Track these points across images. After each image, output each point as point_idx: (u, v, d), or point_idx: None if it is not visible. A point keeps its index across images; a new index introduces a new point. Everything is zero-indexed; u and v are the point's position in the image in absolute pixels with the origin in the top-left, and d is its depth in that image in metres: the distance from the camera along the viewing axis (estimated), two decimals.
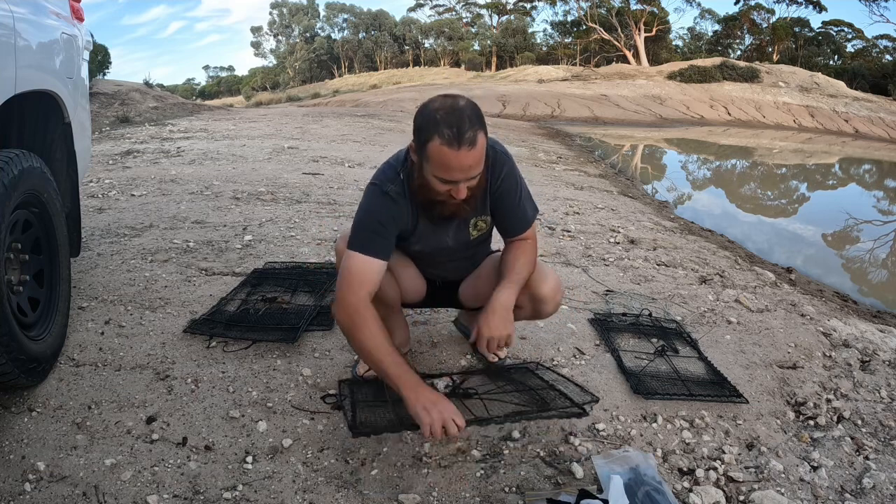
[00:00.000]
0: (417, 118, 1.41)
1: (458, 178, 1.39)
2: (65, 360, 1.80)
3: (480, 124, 1.38)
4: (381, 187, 1.52)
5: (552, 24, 41.65)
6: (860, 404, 1.96)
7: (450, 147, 1.33)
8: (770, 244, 5.30)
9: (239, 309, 2.18)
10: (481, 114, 1.41)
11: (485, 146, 1.40)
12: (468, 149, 1.34)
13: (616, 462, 1.46)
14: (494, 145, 1.58)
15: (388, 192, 1.52)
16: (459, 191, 1.42)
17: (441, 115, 1.35)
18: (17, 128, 1.90)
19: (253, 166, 5.27)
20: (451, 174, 1.38)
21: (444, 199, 1.45)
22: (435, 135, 1.34)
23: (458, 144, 1.33)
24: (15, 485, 1.32)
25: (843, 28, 34.90)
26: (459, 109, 1.36)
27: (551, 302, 1.71)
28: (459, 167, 1.36)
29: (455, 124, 1.33)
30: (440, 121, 1.34)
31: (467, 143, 1.34)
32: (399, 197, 1.52)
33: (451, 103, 1.38)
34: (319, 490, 1.38)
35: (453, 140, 1.33)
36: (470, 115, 1.36)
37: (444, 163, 1.36)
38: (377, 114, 12.92)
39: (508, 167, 1.60)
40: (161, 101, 11.56)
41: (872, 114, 20.44)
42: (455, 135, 1.33)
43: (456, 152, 1.34)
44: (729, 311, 2.62)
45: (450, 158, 1.35)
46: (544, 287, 1.67)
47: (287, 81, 38.66)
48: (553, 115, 17.56)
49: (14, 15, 1.59)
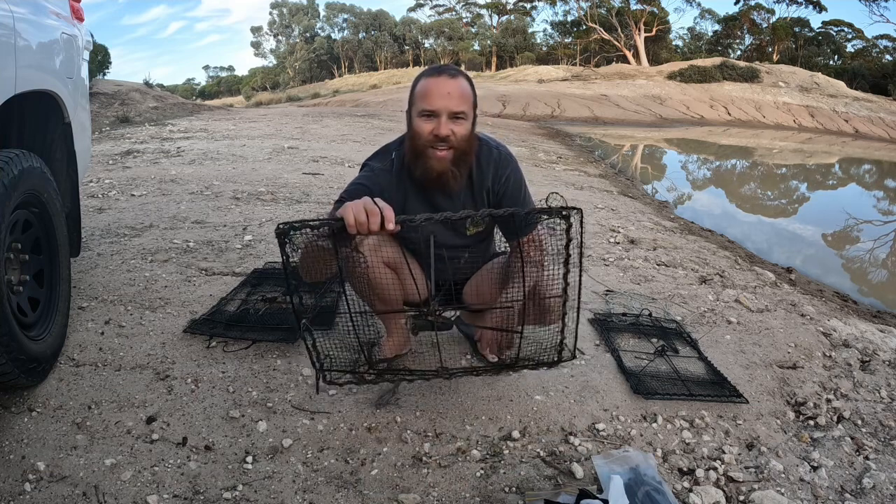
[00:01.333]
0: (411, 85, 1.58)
1: (438, 107, 1.50)
2: (65, 360, 1.80)
3: (465, 76, 1.55)
4: (370, 164, 1.67)
5: (552, 24, 41.64)
6: (860, 404, 1.96)
7: (431, 76, 1.52)
8: (770, 244, 5.30)
9: (239, 309, 2.18)
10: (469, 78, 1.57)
11: (468, 90, 1.53)
12: (448, 77, 1.51)
13: (616, 462, 1.46)
14: (499, 147, 1.65)
15: (370, 167, 1.65)
16: (440, 125, 1.50)
17: (429, 67, 1.59)
18: (17, 128, 1.90)
19: (253, 166, 5.27)
20: (432, 101, 1.50)
21: (429, 143, 1.52)
22: (421, 77, 1.54)
23: (439, 73, 1.52)
24: (15, 485, 1.32)
25: (843, 28, 34.88)
26: (447, 65, 1.56)
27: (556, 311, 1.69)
28: (439, 92, 1.49)
29: (438, 66, 1.56)
30: (427, 69, 1.57)
31: (448, 73, 1.51)
32: (383, 171, 1.63)
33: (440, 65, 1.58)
34: (319, 490, 1.38)
35: (434, 71, 1.53)
36: (456, 69, 1.56)
37: (426, 92, 1.51)
38: (377, 114, 12.92)
39: (512, 168, 1.64)
40: (161, 101, 11.56)
41: (872, 114, 20.44)
42: (437, 69, 1.54)
43: (436, 79, 1.50)
44: (729, 311, 2.62)
45: (431, 86, 1.50)
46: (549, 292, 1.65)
47: (287, 81, 38.65)
48: (553, 115, 17.55)
49: (14, 15, 1.59)
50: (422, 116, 1.52)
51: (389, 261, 1.72)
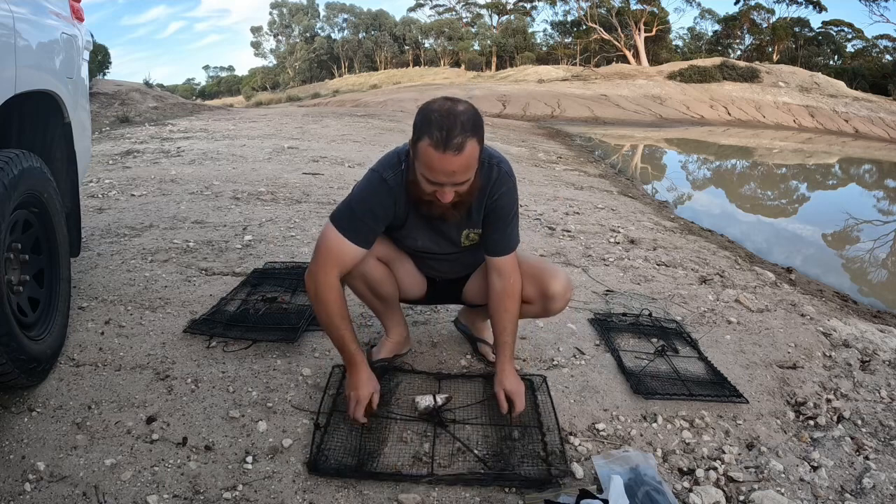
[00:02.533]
0: (416, 116, 1.42)
1: (442, 181, 1.41)
2: (65, 360, 1.80)
3: (474, 132, 1.38)
4: (381, 174, 1.55)
5: (552, 24, 41.72)
6: (860, 404, 1.96)
7: (436, 149, 1.35)
8: (770, 244, 5.30)
9: (239, 309, 2.18)
10: (480, 123, 1.41)
11: (475, 155, 1.41)
12: (453, 154, 1.35)
13: (616, 462, 1.46)
14: (500, 164, 1.59)
15: (385, 180, 1.54)
16: (444, 194, 1.43)
17: (435, 117, 1.36)
18: (17, 128, 1.90)
19: (253, 166, 5.27)
20: (434, 176, 1.40)
21: (431, 199, 1.47)
22: (425, 135, 1.36)
23: (444, 148, 1.34)
24: (15, 485, 1.31)
25: (843, 28, 34.92)
26: (455, 114, 1.37)
27: (561, 299, 1.72)
28: (443, 170, 1.38)
29: (446, 128, 1.34)
30: (433, 122, 1.36)
31: (453, 148, 1.35)
32: (396, 185, 1.54)
33: (448, 107, 1.38)
34: (319, 490, 1.38)
35: (440, 143, 1.34)
36: (464, 122, 1.36)
37: (429, 163, 1.38)
38: (377, 114, 12.92)
39: (508, 187, 1.60)
40: (161, 101, 11.57)
41: (872, 114, 20.44)
42: (442, 138, 1.34)
43: (441, 155, 1.35)
44: (729, 311, 2.62)
45: (434, 160, 1.37)
46: (555, 285, 1.68)
47: (287, 81, 38.66)
48: (553, 115, 17.56)
49: (14, 15, 1.59)
50: (424, 178, 1.43)
51: (383, 256, 1.72)
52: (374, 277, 1.72)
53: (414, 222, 1.63)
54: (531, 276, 1.69)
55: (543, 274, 1.69)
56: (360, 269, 1.67)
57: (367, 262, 1.66)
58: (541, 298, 1.71)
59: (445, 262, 1.76)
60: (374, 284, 1.74)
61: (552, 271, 1.71)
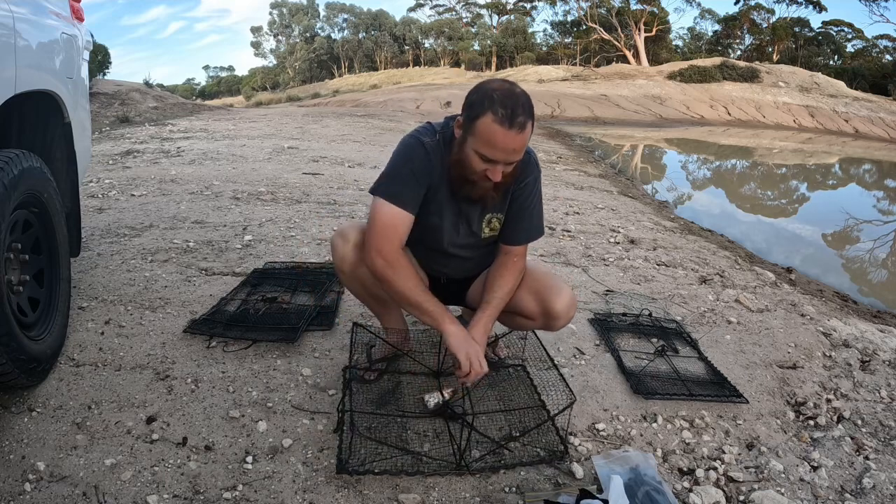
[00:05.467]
0: (472, 94, 1.44)
1: (499, 159, 1.42)
2: (65, 360, 1.80)
3: (531, 115, 1.42)
4: (419, 138, 1.55)
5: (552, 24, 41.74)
6: (860, 404, 1.96)
7: (501, 125, 1.37)
8: (770, 244, 5.30)
9: (239, 309, 2.18)
10: (533, 107, 1.44)
11: (530, 136, 1.44)
12: (517, 131, 1.38)
13: (616, 462, 1.46)
14: (531, 152, 1.61)
15: (424, 143, 1.54)
16: (496, 172, 1.44)
17: (498, 95, 1.39)
18: (17, 128, 1.90)
19: (253, 166, 5.28)
20: (494, 153, 1.41)
21: (478, 178, 1.47)
22: (489, 111, 1.38)
23: (510, 124, 1.37)
24: (15, 485, 1.31)
25: (843, 28, 34.93)
26: (516, 95, 1.40)
27: (564, 318, 1.68)
28: (504, 147, 1.40)
29: (510, 105, 1.37)
30: (496, 99, 1.38)
31: (517, 126, 1.38)
32: (433, 151, 1.54)
33: (508, 87, 1.42)
34: (319, 490, 1.38)
35: (505, 119, 1.37)
36: (524, 103, 1.40)
37: (490, 140, 1.39)
38: (377, 114, 12.92)
39: (535, 176, 1.63)
40: (161, 101, 11.57)
41: (872, 114, 20.44)
42: (508, 115, 1.37)
43: (505, 131, 1.37)
44: (729, 311, 2.62)
45: (498, 137, 1.38)
46: (558, 303, 1.64)
47: (287, 81, 38.65)
48: (553, 115, 17.56)
49: (14, 15, 1.59)
50: (478, 155, 1.43)
51: None
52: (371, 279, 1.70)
53: (444, 198, 1.60)
54: (535, 290, 1.66)
55: (548, 291, 1.65)
56: (356, 272, 1.66)
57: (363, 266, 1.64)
58: (542, 315, 1.68)
59: (456, 257, 1.74)
60: (371, 286, 1.71)
61: (557, 288, 1.66)
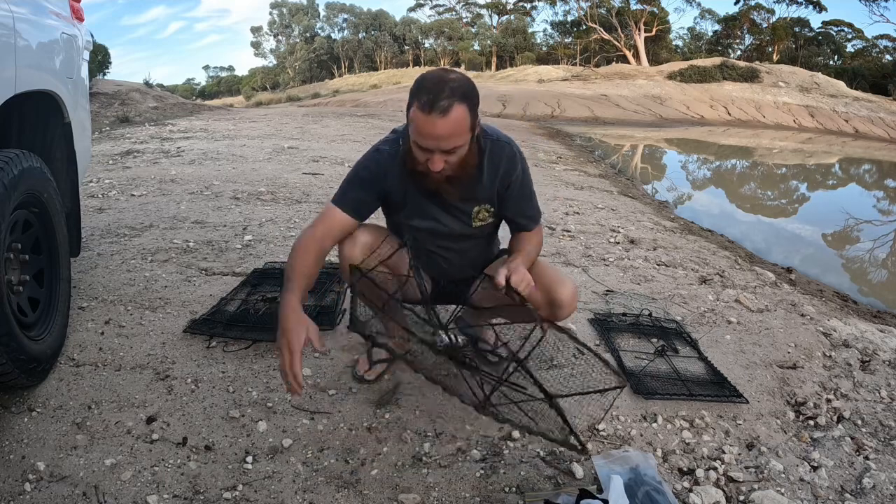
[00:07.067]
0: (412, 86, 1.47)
1: (430, 146, 1.42)
2: (65, 360, 1.80)
3: (463, 99, 1.38)
4: (377, 146, 1.63)
5: (552, 24, 41.72)
6: (860, 404, 1.96)
7: (422, 111, 1.37)
8: (770, 244, 5.30)
9: (239, 309, 2.18)
10: (472, 92, 1.42)
11: (463, 121, 1.40)
12: (439, 115, 1.36)
13: (616, 462, 1.46)
14: (510, 143, 1.63)
15: (379, 150, 1.61)
16: (434, 161, 1.44)
17: (426, 83, 1.39)
18: (17, 128, 1.90)
19: (253, 166, 5.28)
20: (424, 140, 1.42)
21: (424, 170, 1.48)
22: (415, 99, 1.40)
23: (430, 109, 1.36)
24: (15, 485, 1.32)
25: (843, 28, 34.93)
26: (445, 80, 1.39)
27: (568, 307, 1.69)
28: (429, 134, 1.40)
29: (434, 91, 1.36)
30: (422, 87, 1.39)
31: (439, 110, 1.36)
32: (390, 157, 1.58)
33: (440, 74, 1.42)
34: (319, 490, 1.38)
35: (426, 105, 1.36)
36: (454, 88, 1.37)
37: (417, 127, 1.41)
38: (377, 114, 12.92)
39: (521, 167, 1.66)
40: (161, 101, 11.57)
41: (872, 114, 20.44)
42: (430, 101, 1.36)
43: (426, 117, 1.37)
44: (729, 311, 2.62)
45: (421, 123, 1.39)
46: (563, 292, 1.66)
47: (287, 81, 38.67)
48: (553, 115, 17.55)
49: (14, 15, 1.59)
50: (416, 145, 1.45)
51: (382, 255, 1.72)
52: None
53: (415, 199, 1.62)
54: (539, 281, 1.67)
55: (552, 281, 1.67)
56: None
57: None
58: (547, 305, 1.68)
59: (456, 252, 1.75)
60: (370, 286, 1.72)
61: (561, 279, 1.69)
